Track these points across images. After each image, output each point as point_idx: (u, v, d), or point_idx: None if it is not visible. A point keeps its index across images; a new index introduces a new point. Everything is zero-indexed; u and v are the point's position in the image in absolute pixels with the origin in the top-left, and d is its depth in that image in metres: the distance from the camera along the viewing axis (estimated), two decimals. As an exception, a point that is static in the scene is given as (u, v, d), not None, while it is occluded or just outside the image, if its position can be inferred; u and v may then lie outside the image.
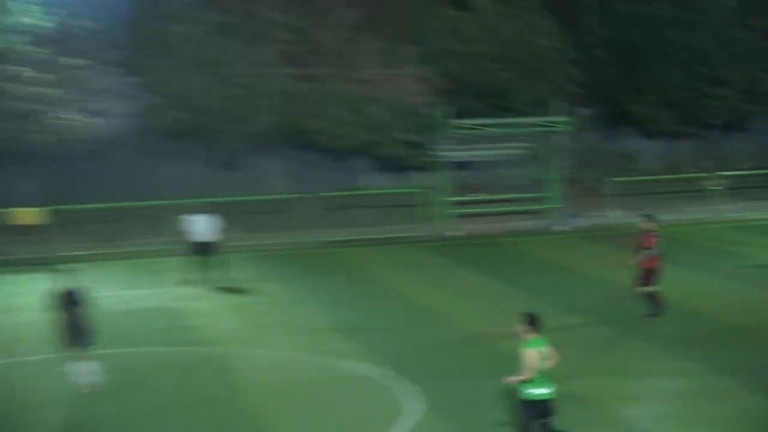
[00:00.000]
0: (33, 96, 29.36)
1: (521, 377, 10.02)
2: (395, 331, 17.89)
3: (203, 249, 22.93)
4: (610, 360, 14.92)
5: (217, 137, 31.69)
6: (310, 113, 32.20)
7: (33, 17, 29.92)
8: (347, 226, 30.70)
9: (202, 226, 23.15)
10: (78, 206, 29.83)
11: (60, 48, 30.27)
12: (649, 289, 17.28)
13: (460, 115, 30.29)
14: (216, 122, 30.86)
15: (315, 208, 30.54)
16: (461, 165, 31.61)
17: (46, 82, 29.90)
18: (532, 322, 10.09)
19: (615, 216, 30.44)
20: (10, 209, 28.66)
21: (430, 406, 12.54)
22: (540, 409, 10.09)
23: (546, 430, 10.10)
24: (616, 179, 31.96)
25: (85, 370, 13.98)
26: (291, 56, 33.46)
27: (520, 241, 28.86)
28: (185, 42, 31.36)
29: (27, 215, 28.64)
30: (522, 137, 30.85)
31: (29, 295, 20.70)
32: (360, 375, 15.20)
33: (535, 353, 9.86)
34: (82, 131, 30.13)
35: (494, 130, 30.47)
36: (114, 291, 22.48)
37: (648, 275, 16.97)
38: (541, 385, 10.07)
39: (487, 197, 31.74)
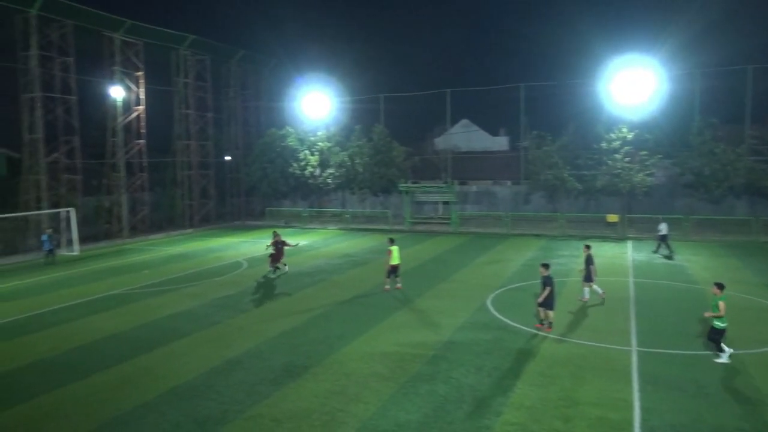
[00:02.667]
0: (620, 167, 34.69)
1: (716, 315, 11.79)
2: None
3: (663, 238, 26.63)
4: None
5: (707, 188, 34.02)
6: (761, 177, 33.85)
7: (626, 132, 35.03)
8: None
9: (664, 227, 26.86)
10: (634, 215, 36.68)
11: (635, 146, 34.87)
12: None
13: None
14: (709, 181, 34.02)
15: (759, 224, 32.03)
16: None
17: (627, 161, 34.64)
18: (721, 286, 12.01)
19: None
20: (607, 215, 35.71)
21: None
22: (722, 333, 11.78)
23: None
24: None
25: (596, 290, 17.53)
26: (756, 151, 34.85)
27: None
28: (698, 144, 34.26)
29: (613, 218, 35.28)
30: None
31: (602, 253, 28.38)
32: (760, 303, 17.49)
33: (724, 303, 11.79)
34: (642, 182, 34.65)
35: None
36: (637, 255, 28.44)
37: None
38: (724, 321, 11.83)
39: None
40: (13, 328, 16.57)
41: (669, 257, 25.80)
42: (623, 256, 26.78)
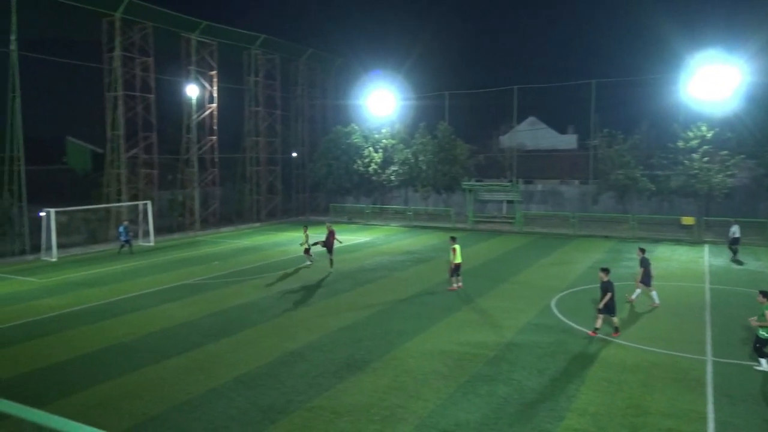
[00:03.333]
0: (698, 167, 33.77)
1: (762, 324, 11.36)
2: None
3: (735, 241, 26.17)
4: None
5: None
6: None
7: (705, 131, 33.57)
8: None
9: (736, 229, 26.37)
10: (711, 218, 34.11)
11: (715, 145, 33.61)
12: None
13: None
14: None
15: None
16: None
17: (705, 161, 33.85)
18: (766, 295, 11.56)
19: None
20: (682, 217, 34.44)
21: None
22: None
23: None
24: None
25: (654, 294, 17.01)
26: None
27: None
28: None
29: (689, 220, 33.93)
30: None
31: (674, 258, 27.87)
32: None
33: None
34: (721, 183, 33.65)
35: None
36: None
37: None
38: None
39: None
40: (96, 312, 17.66)
41: (738, 262, 24.91)
42: (699, 261, 25.64)
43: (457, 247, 19.68)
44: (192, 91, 38.64)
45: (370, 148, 45.65)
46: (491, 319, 16.32)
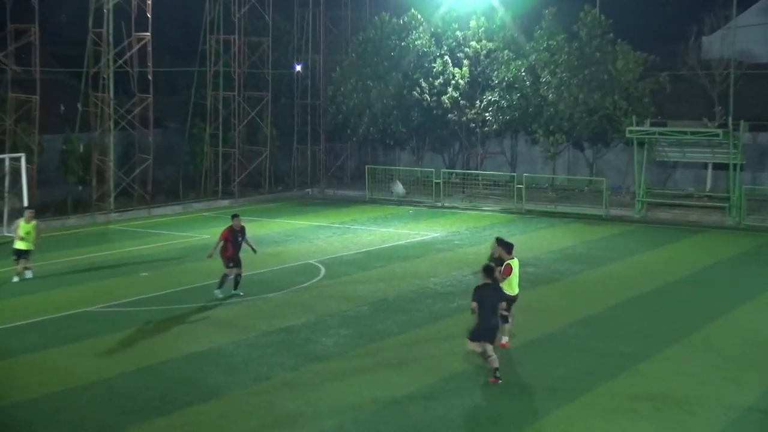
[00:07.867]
0: None
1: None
2: None
3: None
4: None
5: None
6: None
7: None
8: None
9: None
10: None
11: None
12: None
13: None
14: None
15: None
16: None
17: None
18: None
19: None
20: None
21: None
22: None
23: None
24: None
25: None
26: None
27: None
28: None
29: None
30: None
31: None
32: None
33: None
34: None
35: None
36: None
37: None
38: None
39: None
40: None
41: None
42: None
43: (514, 262, 19.29)
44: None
45: (446, 58, 45.44)
46: (672, 396, 16.08)
